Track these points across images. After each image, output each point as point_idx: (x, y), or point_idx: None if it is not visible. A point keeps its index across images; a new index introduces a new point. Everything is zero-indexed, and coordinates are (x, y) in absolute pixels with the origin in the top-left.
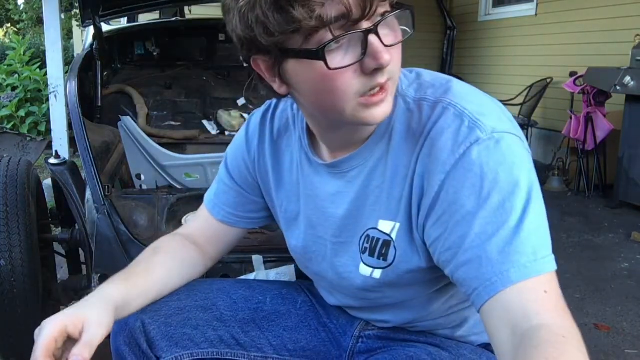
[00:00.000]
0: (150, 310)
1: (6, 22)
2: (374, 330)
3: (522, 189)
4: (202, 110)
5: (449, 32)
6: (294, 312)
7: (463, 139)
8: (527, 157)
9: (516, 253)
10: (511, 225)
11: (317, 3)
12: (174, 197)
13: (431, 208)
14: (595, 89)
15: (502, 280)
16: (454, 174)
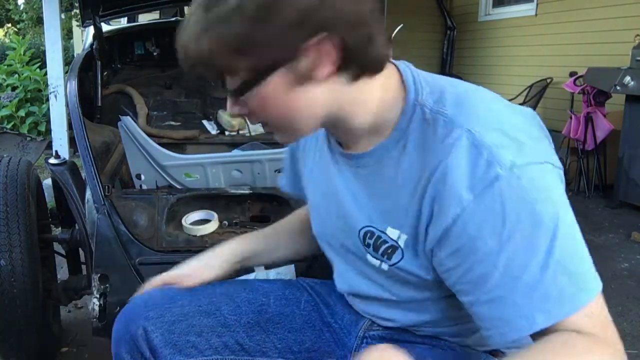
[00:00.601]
0: (152, 317)
1: (6, 22)
2: (378, 330)
3: (547, 226)
4: (202, 110)
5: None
6: (298, 312)
7: (482, 175)
8: (553, 186)
9: (542, 298)
10: (535, 268)
11: None
12: (174, 197)
13: (444, 238)
14: (595, 89)
15: (530, 325)
16: (472, 211)
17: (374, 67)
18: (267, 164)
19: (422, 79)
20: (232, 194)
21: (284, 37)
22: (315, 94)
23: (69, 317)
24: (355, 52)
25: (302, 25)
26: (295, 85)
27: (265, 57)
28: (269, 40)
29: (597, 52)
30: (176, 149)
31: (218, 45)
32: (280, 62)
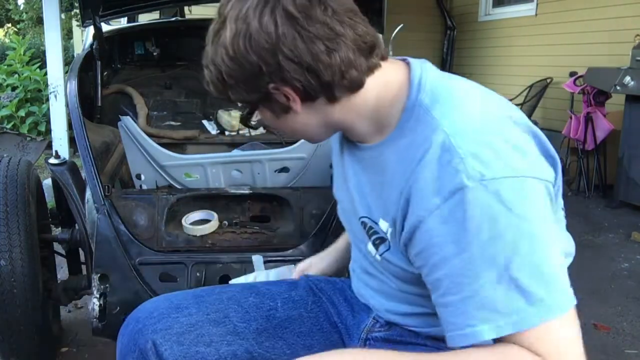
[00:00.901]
0: (161, 329)
1: (6, 22)
2: (380, 332)
3: (506, 241)
4: (202, 110)
5: (449, 32)
6: (306, 315)
7: (449, 182)
8: (525, 201)
9: (491, 310)
10: (489, 280)
11: None
12: (174, 197)
13: (412, 236)
14: (595, 89)
15: (475, 335)
16: (436, 216)
17: (346, 90)
18: (267, 164)
19: (431, 80)
20: (232, 194)
21: (247, 88)
22: (302, 118)
23: (69, 317)
24: (314, 90)
25: (256, 80)
26: (281, 115)
27: (243, 99)
28: (239, 89)
29: (597, 52)
30: (176, 149)
31: (213, 88)
32: (256, 102)
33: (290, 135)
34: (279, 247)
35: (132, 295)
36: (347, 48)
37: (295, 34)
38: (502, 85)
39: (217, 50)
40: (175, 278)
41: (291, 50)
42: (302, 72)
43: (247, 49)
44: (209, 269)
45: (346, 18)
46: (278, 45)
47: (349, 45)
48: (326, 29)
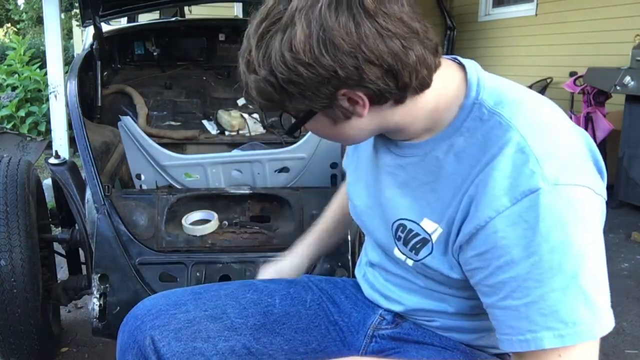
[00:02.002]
0: (159, 326)
1: (6, 22)
2: (387, 329)
3: (576, 251)
4: (202, 110)
5: (449, 32)
6: (304, 312)
7: (523, 183)
8: (590, 213)
9: (556, 319)
10: (556, 287)
11: None
12: (174, 197)
13: (473, 237)
14: (595, 89)
15: (536, 343)
16: (506, 217)
17: (414, 91)
18: (267, 164)
19: (487, 80)
20: (232, 194)
21: (313, 96)
22: (361, 123)
23: (69, 317)
24: (385, 93)
25: (327, 86)
26: (339, 122)
27: (301, 107)
28: (301, 98)
29: (597, 52)
30: (176, 149)
31: (262, 97)
32: (315, 109)
33: (333, 140)
34: (279, 247)
35: (132, 295)
36: (420, 46)
37: (376, 33)
38: None
39: (276, 54)
40: (175, 278)
41: (372, 51)
42: (381, 74)
43: (323, 51)
44: (209, 269)
45: (414, 13)
46: (359, 47)
47: (420, 43)
48: (403, 27)
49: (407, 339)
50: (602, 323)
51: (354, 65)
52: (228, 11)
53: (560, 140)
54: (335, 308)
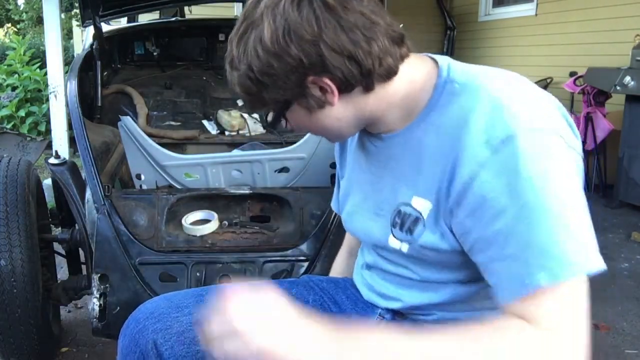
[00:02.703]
0: (161, 329)
1: (6, 22)
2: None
3: (559, 192)
4: (202, 110)
5: (449, 32)
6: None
7: (499, 132)
8: (567, 159)
9: (549, 258)
10: (545, 228)
11: None
12: (174, 197)
13: (462, 197)
14: (595, 89)
15: (533, 285)
16: (489, 168)
17: (381, 78)
18: (267, 164)
19: (457, 64)
20: (232, 194)
21: (284, 84)
22: (336, 112)
23: (69, 317)
24: (351, 79)
25: (295, 74)
26: (315, 111)
27: (277, 97)
28: (275, 88)
29: (597, 52)
30: (176, 149)
31: (243, 91)
32: (291, 99)
33: (318, 134)
34: (279, 247)
35: (132, 295)
36: (382, 36)
37: (336, 24)
38: None
39: (250, 49)
40: (175, 278)
41: (334, 41)
42: (343, 61)
43: (288, 42)
44: (209, 269)
45: (377, 8)
46: (320, 36)
47: (383, 34)
48: (363, 19)
49: None
50: (592, 260)
51: (317, 53)
52: (228, 11)
53: (531, 96)
54: (337, 308)
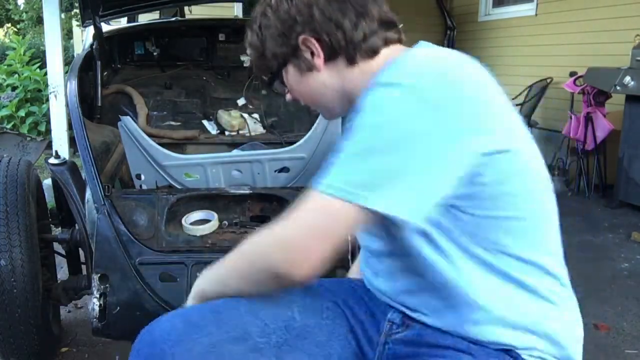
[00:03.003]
0: (181, 353)
1: (6, 22)
2: (398, 333)
3: (374, 131)
4: (202, 110)
5: (449, 32)
6: (322, 322)
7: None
8: (414, 108)
9: (334, 172)
10: (350, 152)
11: None
12: (174, 197)
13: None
14: (595, 89)
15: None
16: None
17: (365, 54)
18: (267, 164)
19: (409, 56)
20: (232, 194)
21: (279, 42)
22: (322, 77)
23: (69, 317)
24: (336, 47)
25: (288, 33)
26: (305, 73)
27: (275, 52)
28: (273, 41)
29: (597, 52)
30: (176, 149)
31: (252, 47)
32: (286, 57)
33: (309, 101)
34: None
35: (132, 295)
36: (372, 16)
37: (331, 1)
38: (502, 85)
39: (258, 9)
40: (175, 278)
41: (325, 5)
42: (330, 26)
43: (288, 2)
44: None
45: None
46: (317, 1)
47: (374, 14)
48: (358, 2)
49: (420, 342)
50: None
51: (309, 13)
52: (228, 11)
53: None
54: (350, 312)
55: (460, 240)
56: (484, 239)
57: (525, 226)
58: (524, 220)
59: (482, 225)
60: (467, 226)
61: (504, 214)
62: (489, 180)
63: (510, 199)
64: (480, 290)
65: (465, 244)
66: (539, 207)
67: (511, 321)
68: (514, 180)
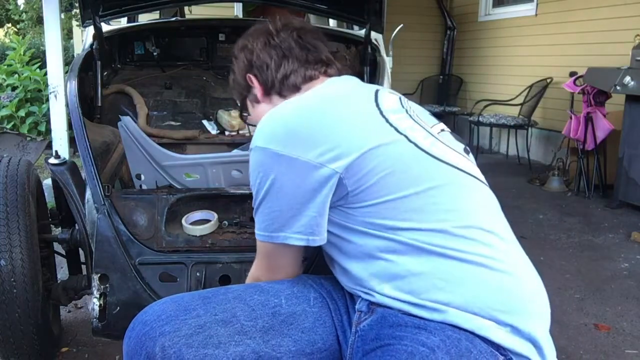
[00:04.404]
0: (169, 332)
1: (6, 22)
2: (365, 320)
3: (260, 186)
4: (202, 110)
5: (449, 32)
6: (309, 310)
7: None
8: (269, 163)
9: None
10: (255, 204)
11: None
12: (174, 197)
13: None
14: (595, 89)
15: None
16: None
17: (289, 89)
18: None
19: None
20: (232, 194)
21: (241, 79)
22: (263, 108)
23: (69, 317)
24: (267, 83)
25: (243, 73)
26: (253, 103)
27: (240, 88)
28: (238, 81)
29: (597, 52)
30: (176, 149)
31: (231, 84)
32: (243, 91)
33: None
34: None
35: (132, 295)
36: (294, 59)
37: (266, 42)
38: (502, 85)
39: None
40: (175, 278)
41: (259, 51)
42: (262, 66)
43: (244, 51)
44: (209, 269)
45: (311, 40)
46: (254, 48)
47: (296, 57)
48: (287, 43)
49: (383, 323)
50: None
51: (251, 58)
52: (228, 11)
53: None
54: (334, 305)
55: (354, 227)
56: (374, 222)
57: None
58: (403, 199)
59: (367, 212)
60: (353, 216)
61: (381, 199)
62: (353, 181)
63: (384, 185)
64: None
65: (361, 228)
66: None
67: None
68: (381, 169)
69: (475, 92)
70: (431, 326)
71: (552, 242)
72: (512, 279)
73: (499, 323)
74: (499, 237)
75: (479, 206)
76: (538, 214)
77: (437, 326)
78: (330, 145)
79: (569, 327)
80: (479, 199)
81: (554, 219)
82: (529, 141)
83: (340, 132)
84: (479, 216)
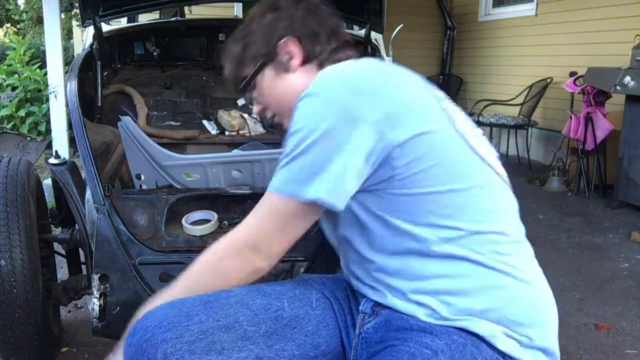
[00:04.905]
0: (171, 338)
1: (6, 22)
2: (370, 322)
3: (306, 135)
4: (202, 110)
5: (449, 32)
6: (312, 312)
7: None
8: (322, 110)
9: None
10: (284, 157)
11: None
12: (174, 197)
13: None
14: (595, 89)
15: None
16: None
17: (332, 63)
18: (267, 164)
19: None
20: (232, 194)
21: (262, 44)
22: (295, 79)
23: (69, 317)
24: (313, 52)
25: (270, 36)
26: (280, 74)
27: (256, 57)
28: (253, 50)
29: (597, 52)
30: (176, 149)
31: (230, 55)
32: (265, 58)
33: (274, 106)
34: None
35: (132, 295)
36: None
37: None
38: (502, 85)
39: (247, 20)
40: (175, 278)
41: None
42: (310, 32)
43: (272, 12)
44: None
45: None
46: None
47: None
48: (333, 20)
49: (388, 326)
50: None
51: (291, 21)
52: (228, 11)
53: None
54: (338, 306)
55: (386, 218)
56: (410, 214)
57: (454, 197)
58: (447, 194)
59: (405, 201)
60: (389, 204)
61: (424, 190)
62: (402, 163)
63: (429, 176)
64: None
65: (394, 220)
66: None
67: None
68: (431, 157)
69: (475, 92)
70: (437, 330)
71: (552, 242)
72: (532, 289)
73: (512, 332)
74: (523, 246)
75: (510, 213)
76: (538, 214)
77: (443, 330)
78: (396, 108)
79: (569, 327)
80: (511, 206)
81: (554, 219)
82: (529, 141)
83: (406, 101)
84: (510, 223)
